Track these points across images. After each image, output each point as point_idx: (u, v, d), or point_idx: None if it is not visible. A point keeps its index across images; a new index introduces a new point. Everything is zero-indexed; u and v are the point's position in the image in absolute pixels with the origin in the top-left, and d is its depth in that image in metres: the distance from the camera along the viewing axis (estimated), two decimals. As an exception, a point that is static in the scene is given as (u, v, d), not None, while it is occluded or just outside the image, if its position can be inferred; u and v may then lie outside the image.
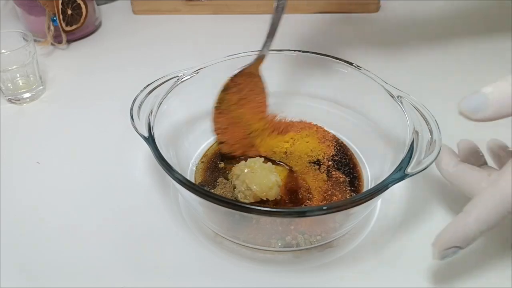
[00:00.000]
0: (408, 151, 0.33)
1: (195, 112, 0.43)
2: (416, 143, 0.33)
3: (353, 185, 0.39)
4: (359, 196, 0.30)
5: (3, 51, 0.51)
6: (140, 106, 0.37)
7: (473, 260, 0.34)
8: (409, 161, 0.32)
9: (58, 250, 0.36)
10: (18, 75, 0.53)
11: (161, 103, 0.38)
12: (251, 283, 0.34)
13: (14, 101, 0.53)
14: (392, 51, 0.60)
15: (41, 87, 0.54)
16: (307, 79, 0.46)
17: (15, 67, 0.51)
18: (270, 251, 0.35)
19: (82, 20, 0.62)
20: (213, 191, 0.38)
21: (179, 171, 0.32)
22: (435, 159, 0.32)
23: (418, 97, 0.37)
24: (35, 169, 0.44)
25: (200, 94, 0.42)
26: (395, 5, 0.69)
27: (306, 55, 0.44)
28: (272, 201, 0.36)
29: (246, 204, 0.32)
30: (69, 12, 0.60)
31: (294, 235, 0.34)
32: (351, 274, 0.34)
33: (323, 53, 0.43)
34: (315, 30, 0.64)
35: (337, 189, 0.39)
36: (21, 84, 0.53)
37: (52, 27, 0.59)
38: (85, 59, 0.61)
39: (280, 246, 0.34)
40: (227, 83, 0.41)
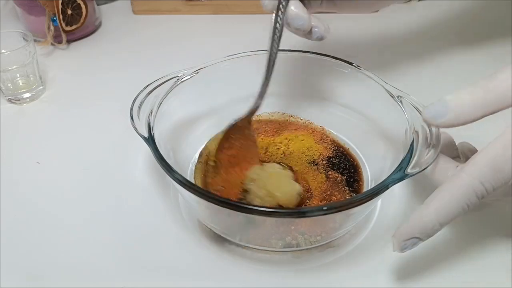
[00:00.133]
0: (408, 151, 0.33)
1: (195, 112, 0.43)
2: (416, 143, 0.33)
3: (353, 186, 0.39)
4: (360, 197, 0.30)
5: (3, 51, 0.51)
6: (140, 106, 0.37)
7: (473, 260, 0.35)
8: (409, 161, 0.32)
9: (58, 250, 0.36)
10: (18, 75, 0.53)
11: (161, 103, 0.38)
12: (251, 283, 0.34)
13: (14, 101, 0.53)
14: (392, 51, 0.60)
15: (41, 87, 0.54)
16: (307, 79, 0.46)
17: (15, 67, 0.51)
18: (270, 251, 0.35)
19: (82, 20, 0.62)
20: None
21: (179, 171, 0.32)
22: (435, 159, 0.32)
23: (418, 97, 0.37)
24: (35, 169, 0.44)
25: (200, 94, 0.42)
26: (395, 5, 0.69)
27: (306, 55, 0.44)
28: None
29: (246, 204, 0.32)
30: (69, 12, 0.60)
31: (294, 235, 0.34)
32: (351, 274, 0.34)
33: (323, 53, 0.43)
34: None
35: (336, 189, 0.39)
36: (21, 84, 0.53)
37: (52, 27, 0.59)
38: (85, 59, 0.61)
39: (280, 246, 0.34)
40: (221, 139, 0.36)
